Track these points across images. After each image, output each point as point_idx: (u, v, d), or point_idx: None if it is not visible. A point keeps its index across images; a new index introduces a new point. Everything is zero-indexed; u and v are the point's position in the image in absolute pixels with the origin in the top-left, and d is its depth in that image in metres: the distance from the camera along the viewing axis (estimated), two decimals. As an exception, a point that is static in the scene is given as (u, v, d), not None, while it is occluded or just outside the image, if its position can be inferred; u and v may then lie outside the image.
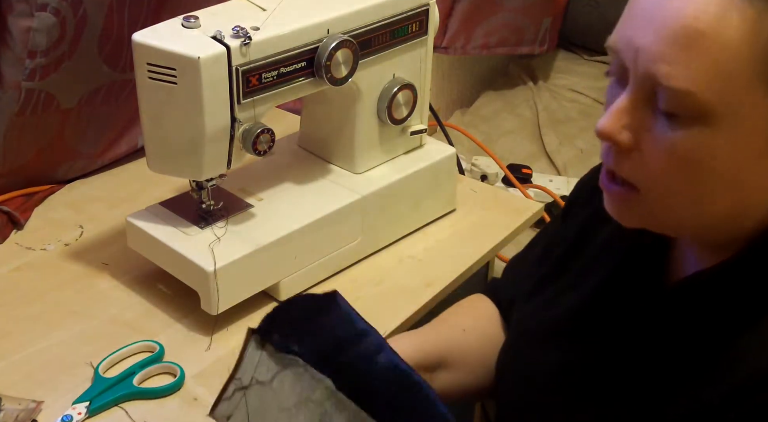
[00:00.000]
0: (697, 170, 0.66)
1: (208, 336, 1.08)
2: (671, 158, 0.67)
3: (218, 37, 1.00)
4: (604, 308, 0.82)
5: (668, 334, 0.75)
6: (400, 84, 1.20)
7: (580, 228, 0.90)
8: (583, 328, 0.84)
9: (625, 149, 0.69)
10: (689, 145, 0.65)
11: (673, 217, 0.71)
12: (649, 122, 0.67)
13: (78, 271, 1.19)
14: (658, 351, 0.76)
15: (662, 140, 0.67)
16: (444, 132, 1.56)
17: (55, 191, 1.35)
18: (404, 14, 1.16)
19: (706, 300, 0.73)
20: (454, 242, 1.27)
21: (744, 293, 0.70)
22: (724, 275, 0.72)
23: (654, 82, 0.65)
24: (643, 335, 0.77)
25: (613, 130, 0.68)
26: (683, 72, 0.63)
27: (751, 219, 0.69)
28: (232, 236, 1.10)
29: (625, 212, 0.74)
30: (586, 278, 0.86)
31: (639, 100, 0.67)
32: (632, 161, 0.69)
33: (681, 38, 0.63)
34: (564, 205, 0.98)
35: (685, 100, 0.64)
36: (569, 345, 0.85)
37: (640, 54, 0.66)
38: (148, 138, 1.07)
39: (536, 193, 1.73)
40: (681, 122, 0.65)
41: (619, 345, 0.79)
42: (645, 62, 0.65)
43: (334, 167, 1.24)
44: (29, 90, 1.21)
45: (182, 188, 1.20)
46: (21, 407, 0.95)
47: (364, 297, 1.16)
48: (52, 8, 1.16)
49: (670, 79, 0.64)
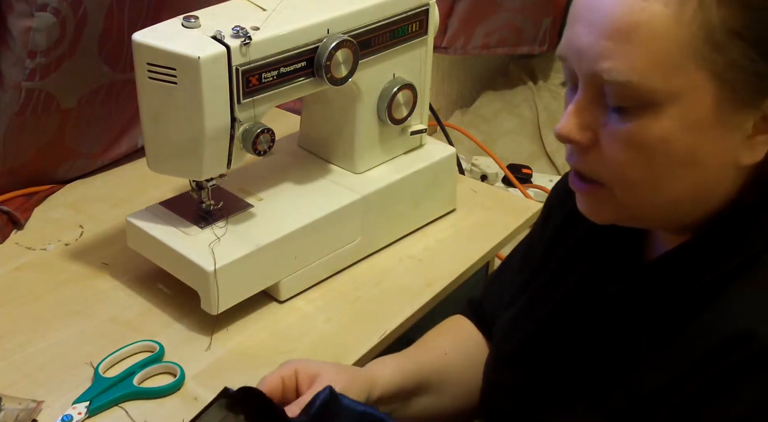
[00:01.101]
0: (652, 156, 0.70)
1: (208, 336, 1.08)
2: (627, 149, 0.70)
3: (218, 37, 1.00)
4: (583, 305, 0.85)
5: (642, 313, 0.78)
6: (400, 84, 1.20)
7: (557, 230, 0.92)
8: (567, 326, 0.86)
9: (585, 147, 0.73)
10: (641, 133, 0.69)
11: (638, 206, 0.74)
12: (602, 118, 0.71)
13: (78, 271, 1.19)
14: (633, 331, 0.78)
15: (616, 133, 0.70)
16: (444, 132, 1.56)
17: (55, 191, 1.35)
18: (404, 14, 1.16)
19: (677, 276, 0.76)
20: (454, 242, 1.27)
21: (710, 267, 0.73)
22: (691, 252, 0.75)
23: (599, 80, 0.69)
24: (620, 316, 0.80)
25: (570, 131, 0.72)
26: (622, 65, 0.67)
27: (712, 196, 0.73)
28: (232, 236, 1.10)
29: (595, 208, 0.77)
30: (564, 278, 0.88)
31: (589, 100, 0.71)
32: (593, 158, 0.73)
33: (615, 34, 0.67)
34: (542, 210, 0.99)
35: (629, 92, 0.68)
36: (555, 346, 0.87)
37: (582, 55, 0.70)
38: (148, 138, 1.07)
39: (536, 193, 1.73)
40: (630, 113, 0.69)
41: (602, 333, 0.82)
42: (588, 62, 0.69)
43: (334, 167, 1.24)
44: (29, 90, 1.21)
45: (182, 188, 1.20)
46: (21, 407, 0.95)
47: (364, 297, 1.16)
48: (52, 8, 1.16)
49: (611, 73, 0.68)
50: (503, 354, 0.94)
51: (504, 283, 1.01)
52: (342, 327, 1.11)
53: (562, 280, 0.89)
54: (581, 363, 0.83)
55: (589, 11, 0.70)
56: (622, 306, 0.80)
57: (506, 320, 0.95)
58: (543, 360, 0.87)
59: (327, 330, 1.10)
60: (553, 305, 0.88)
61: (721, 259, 0.73)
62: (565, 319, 0.86)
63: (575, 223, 0.86)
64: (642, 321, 0.78)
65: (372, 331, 1.09)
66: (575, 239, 0.88)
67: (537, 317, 0.90)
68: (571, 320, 0.86)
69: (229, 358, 1.06)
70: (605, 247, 0.84)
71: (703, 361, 0.70)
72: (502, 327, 0.96)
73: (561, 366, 0.85)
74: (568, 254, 0.89)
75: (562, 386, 0.84)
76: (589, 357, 0.82)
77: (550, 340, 0.87)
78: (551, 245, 0.92)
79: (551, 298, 0.89)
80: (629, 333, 0.79)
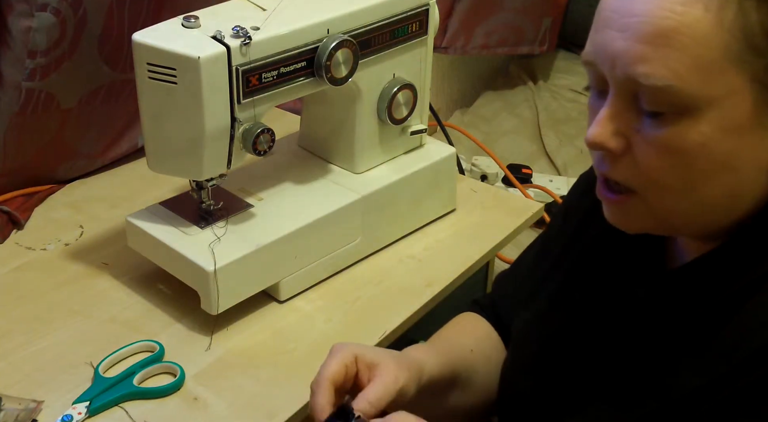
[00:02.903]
0: (690, 161, 0.69)
1: (208, 336, 1.08)
2: (663, 155, 0.69)
3: (218, 37, 1.00)
4: (607, 309, 0.84)
5: (671, 319, 0.77)
6: (400, 84, 1.20)
7: (575, 230, 0.91)
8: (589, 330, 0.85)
9: (618, 154, 0.71)
10: (679, 139, 0.68)
11: (672, 212, 0.73)
12: (636, 124, 0.70)
13: (78, 271, 1.19)
14: (662, 336, 0.77)
15: (652, 139, 0.69)
16: (444, 132, 1.56)
17: (55, 191, 1.35)
18: (404, 14, 1.16)
19: (707, 282, 0.75)
20: (454, 242, 1.27)
21: (740, 274, 0.73)
22: (723, 258, 0.74)
23: (634, 85, 0.68)
24: (648, 321, 0.79)
25: (603, 137, 0.71)
26: (660, 70, 0.66)
27: (745, 201, 0.72)
28: (232, 236, 1.10)
29: (626, 218, 0.76)
30: (583, 281, 0.87)
31: (622, 105, 0.70)
32: (626, 165, 0.72)
33: (653, 38, 0.66)
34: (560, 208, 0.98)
35: (667, 97, 0.67)
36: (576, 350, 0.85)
37: (617, 60, 0.68)
38: (148, 138, 1.07)
39: (536, 193, 1.73)
40: (666, 118, 0.68)
41: (628, 337, 0.80)
42: (623, 67, 0.68)
43: (334, 167, 1.24)
44: (29, 90, 1.21)
45: (182, 188, 1.20)
46: (21, 407, 0.95)
47: (364, 297, 1.16)
48: (52, 8, 1.16)
49: (649, 78, 0.67)
50: (521, 359, 0.92)
51: (519, 282, 1.00)
52: (342, 327, 1.11)
53: (581, 282, 0.87)
54: (605, 368, 0.81)
55: (622, 15, 0.68)
56: (649, 311, 0.79)
57: (523, 323, 0.93)
58: (563, 364, 0.86)
59: (327, 330, 1.10)
60: (573, 308, 0.87)
61: (750, 265, 0.72)
62: (588, 323, 0.85)
63: (593, 223, 0.85)
64: (670, 326, 0.76)
65: (372, 331, 1.09)
66: (592, 240, 0.87)
67: (556, 320, 0.88)
68: (594, 324, 0.84)
69: (229, 358, 1.06)
70: (626, 251, 0.83)
71: (735, 369, 0.69)
72: (519, 331, 0.94)
73: (582, 371, 0.83)
74: (586, 255, 0.88)
75: (584, 391, 0.82)
76: (614, 362, 0.81)
77: (571, 344, 0.86)
78: (569, 245, 0.91)
79: (571, 301, 0.87)
80: (657, 339, 0.77)
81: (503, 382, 0.95)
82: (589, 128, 0.72)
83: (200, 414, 0.98)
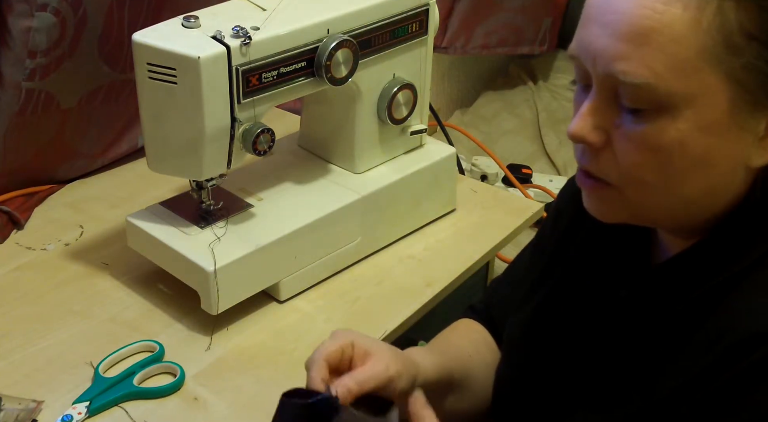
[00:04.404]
0: (667, 158, 0.70)
1: (208, 336, 1.08)
2: (642, 151, 0.70)
3: (218, 37, 1.00)
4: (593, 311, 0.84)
5: (654, 316, 0.78)
6: (400, 84, 1.20)
7: (565, 232, 0.92)
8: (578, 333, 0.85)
9: (597, 148, 0.73)
10: (657, 135, 0.69)
11: (649, 206, 0.74)
12: (616, 119, 0.71)
13: (78, 271, 1.19)
14: (645, 335, 0.78)
15: (631, 134, 0.70)
16: (444, 132, 1.56)
17: (55, 191, 1.35)
18: (404, 14, 1.16)
19: (687, 278, 0.76)
20: (454, 242, 1.27)
21: (720, 269, 0.73)
22: (701, 254, 0.75)
23: (614, 81, 0.69)
24: (631, 321, 0.80)
25: (584, 131, 0.72)
26: (639, 68, 0.67)
27: (722, 197, 0.73)
28: (232, 236, 1.10)
29: (603, 207, 0.77)
30: (572, 284, 0.88)
31: (603, 101, 0.71)
32: (605, 159, 0.73)
33: (633, 36, 0.67)
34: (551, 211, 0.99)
35: (645, 94, 0.68)
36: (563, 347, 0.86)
37: (597, 57, 0.70)
38: (148, 138, 1.07)
39: (536, 193, 1.73)
40: (645, 115, 0.69)
41: (614, 337, 0.81)
42: (603, 63, 0.69)
43: (334, 167, 1.24)
44: (29, 90, 1.21)
45: (182, 188, 1.20)
46: (21, 407, 0.95)
47: (364, 297, 1.16)
48: (52, 8, 1.16)
49: (627, 75, 0.68)
50: (513, 363, 0.93)
51: (512, 287, 1.01)
52: (342, 327, 1.10)
53: (570, 285, 0.88)
54: (594, 369, 0.82)
55: (604, 13, 0.69)
56: (633, 310, 0.80)
57: (515, 328, 0.94)
58: (552, 368, 0.87)
59: (327, 330, 1.10)
60: (561, 312, 0.88)
61: (730, 260, 0.73)
62: (574, 325, 0.86)
63: (582, 225, 0.86)
64: (653, 324, 0.77)
65: (372, 331, 1.09)
66: (582, 242, 0.88)
67: (547, 325, 0.89)
68: (580, 326, 0.85)
69: (229, 358, 1.06)
70: (612, 251, 0.84)
71: (716, 364, 0.70)
72: (510, 335, 0.95)
73: (570, 374, 0.84)
74: (576, 257, 0.89)
75: (575, 392, 0.83)
76: (602, 362, 0.82)
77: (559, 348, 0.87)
78: (559, 247, 0.92)
79: (561, 305, 0.88)
80: (641, 337, 0.78)
81: (496, 386, 0.96)
82: (571, 121, 0.74)
83: (200, 414, 0.98)
